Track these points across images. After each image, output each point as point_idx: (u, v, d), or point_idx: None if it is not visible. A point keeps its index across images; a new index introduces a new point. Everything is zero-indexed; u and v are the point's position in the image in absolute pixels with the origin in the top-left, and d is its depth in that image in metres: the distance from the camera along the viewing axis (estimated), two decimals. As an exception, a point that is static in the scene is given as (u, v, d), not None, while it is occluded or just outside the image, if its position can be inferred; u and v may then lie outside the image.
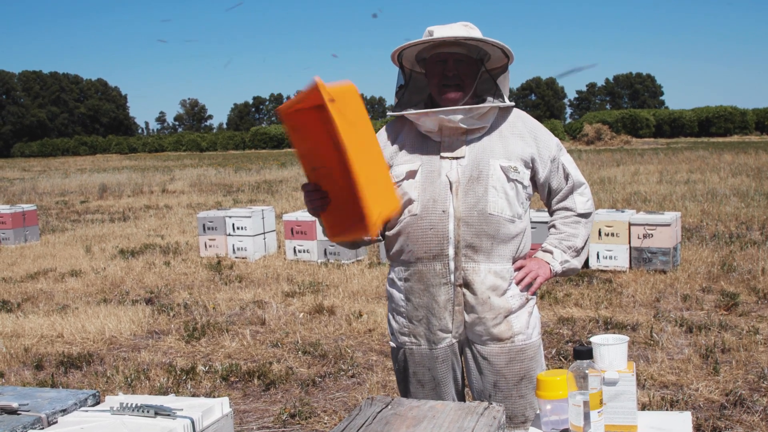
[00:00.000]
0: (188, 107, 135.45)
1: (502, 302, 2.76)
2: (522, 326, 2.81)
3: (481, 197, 2.72)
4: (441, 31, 2.73)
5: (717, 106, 71.51)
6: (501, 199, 2.73)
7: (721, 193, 16.01)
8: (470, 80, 2.78)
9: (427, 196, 2.75)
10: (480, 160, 2.75)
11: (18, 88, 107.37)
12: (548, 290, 7.83)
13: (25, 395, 2.60)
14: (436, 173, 2.75)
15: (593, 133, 54.12)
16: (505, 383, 2.81)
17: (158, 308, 7.74)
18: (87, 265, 10.60)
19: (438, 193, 2.74)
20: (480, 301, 2.75)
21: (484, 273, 2.74)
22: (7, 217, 13.01)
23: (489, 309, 2.75)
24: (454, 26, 2.76)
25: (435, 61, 2.78)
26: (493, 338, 2.78)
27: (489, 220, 2.72)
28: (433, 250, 2.74)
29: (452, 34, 2.70)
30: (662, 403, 4.73)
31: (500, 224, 2.74)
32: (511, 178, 2.75)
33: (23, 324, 7.23)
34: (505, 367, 2.80)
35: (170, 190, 24.10)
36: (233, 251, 10.84)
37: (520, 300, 2.81)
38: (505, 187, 2.74)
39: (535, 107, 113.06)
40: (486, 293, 2.74)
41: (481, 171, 2.73)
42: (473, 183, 2.73)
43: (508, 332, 2.78)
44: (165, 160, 54.05)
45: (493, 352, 2.79)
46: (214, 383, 5.50)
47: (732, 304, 7.02)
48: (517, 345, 2.80)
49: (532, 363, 2.84)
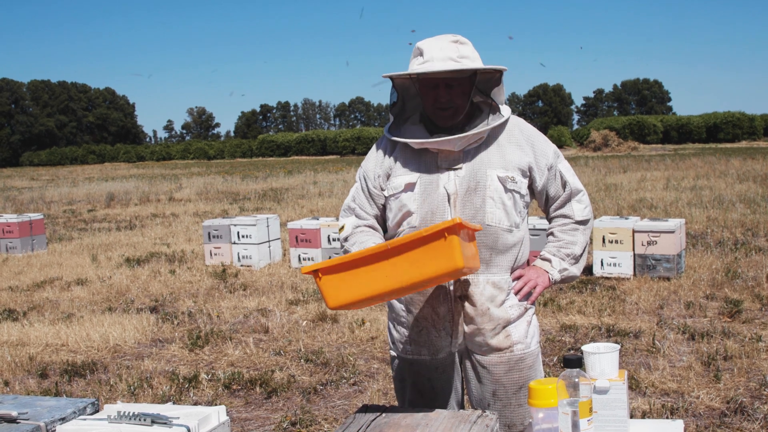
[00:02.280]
0: (196, 115, 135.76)
1: (501, 312, 2.78)
2: (521, 336, 2.82)
3: (479, 208, 2.73)
4: (430, 52, 2.69)
5: (725, 111, 71.31)
6: (499, 210, 2.74)
7: (728, 200, 15.98)
8: (463, 100, 2.76)
9: (425, 208, 2.76)
10: (477, 170, 2.75)
11: (27, 97, 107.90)
12: (551, 297, 7.84)
13: (25, 404, 2.63)
14: (434, 185, 2.76)
15: (600, 140, 54.04)
16: (504, 392, 2.83)
17: (162, 316, 7.78)
18: (93, 273, 10.65)
19: (436, 205, 2.75)
20: (479, 312, 2.76)
21: (483, 284, 2.76)
22: (15, 226, 13.08)
23: (488, 320, 2.77)
24: (443, 44, 2.71)
25: (426, 84, 2.75)
26: (492, 348, 2.80)
27: (487, 231, 2.73)
28: None
29: (439, 68, 2.66)
30: (662, 410, 4.73)
31: (498, 235, 2.75)
32: (509, 189, 2.76)
33: (29, 332, 7.28)
34: (504, 376, 2.81)
35: (177, 199, 24.18)
36: (238, 259, 10.87)
37: (519, 310, 2.82)
38: (503, 197, 2.75)
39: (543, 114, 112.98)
40: (485, 304, 2.76)
41: (479, 182, 2.74)
42: (471, 194, 2.74)
43: (507, 342, 2.80)
44: (172, 168, 54.23)
45: (492, 361, 2.81)
46: (216, 391, 5.52)
47: (735, 312, 7.01)
48: (516, 354, 2.82)
49: (530, 372, 2.86)
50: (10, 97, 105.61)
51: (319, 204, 19.48)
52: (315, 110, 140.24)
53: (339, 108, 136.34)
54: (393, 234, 2.84)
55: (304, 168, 42.81)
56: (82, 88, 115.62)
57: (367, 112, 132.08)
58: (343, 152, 73.11)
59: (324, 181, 28.73)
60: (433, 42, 2.73)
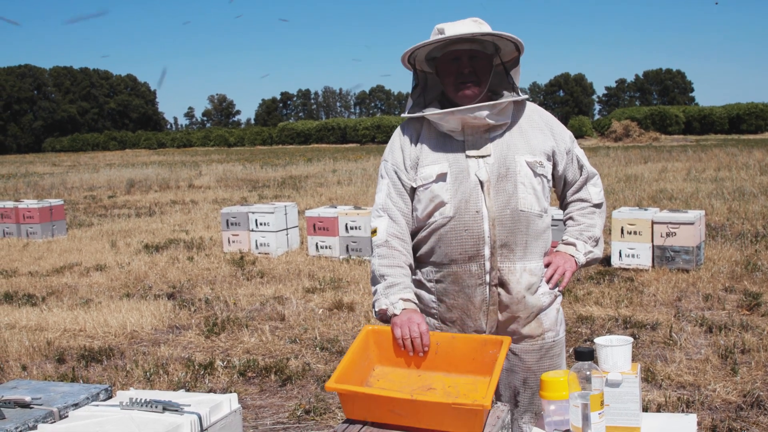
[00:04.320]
0: (216, 103, 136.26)
1: (535, 300, 2.76)
2: (552, 323, 2.82)
3: (512, 195, 2.71)
4: (453, 29, 2.69)
5: (748, 102, 70.52)
6: (530, 195, 2.72)
7: (749, 192, 15.82)
8: (486, 75, 2.75)
9: (459, 197, 2.71)
10: (506, 156, 2.72)
11: (49, 83, 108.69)
12: (568, 288, 7.80)
13: (39, 389, 2.65)
14: (465, 173, 2.72)
15: (621, 130, 53.68)
16: (534, 380, 2.81)
17: (180, 303, 7.82)
18: (112, 259, 10.73)
19: (470, 193, 2.71)
20: (515, 300, 2.74)
21: (519, 272, 2.73)
22: (35, 212, 13.20)
23: (524, 308, 2.75)
24: (464, 22, 2.71)
25: (448, 59, 2.74)
26: (523, 336, 2.78)
27: (521, 217, 2.71)
28: (468, 252, 2.71)
29: (465, 30, 2.66)
30: (678, 403, 4.70)
31: (531, 220, 2.73)
32: (538, 173, 2.74)
33: (47, 318, 7.34)
34: (535, 363, 2.80)
35: (197, 186, 24.27)
36: (256, 247, 10.90)
37: (550, 297, 2.81)
38: (533, 182, 2.73)
39: (564, 103, 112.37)
40: (521, 292, 2.73)
41: (509, 168, 2.71)
42: (502, 181, 2.71)
43: (539, 329, 2.79)
44: (193, 156, 54.46)
45: (525, 349, 2.79)
46: (231, 378, 5.55)
47: (754, 304, 6.95)
48: (547, 342, 2.81)
49: (559, 360, 2.85)
50: (33, 84, 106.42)
51: (338, 192, 19.49)
52: (335, 98, 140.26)
53: (360, 96, 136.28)
54: (422, 225, 2.79)
55: (323, 156, 42.85)
56: (104, 75, 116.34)
57: (388, 101, 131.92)
58: (363, 141, 73.08)
59: (343, 170, 28.74)
60: (452, 22, 2.73)
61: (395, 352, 2.61)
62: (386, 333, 2.63)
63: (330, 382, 2.33)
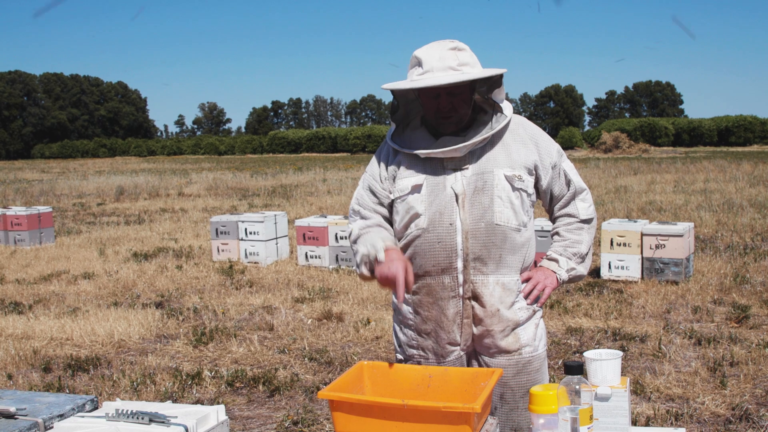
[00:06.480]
0: (207, 111, 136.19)
1: (510, 314, 2.75)
2: (529, 338, 2.80)
3: (488, 208, 2.70)
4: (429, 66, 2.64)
5: (737, 115, 71.09)
6: (507, 209, 2.71)
7: (738, 204, 15.89)
8: (465, 106, 2.73)
9: (433, 209, 2.72)
10: (484, 170, 2.72)
11: (39, 89, 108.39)
12: (558, 300, 7.80)
13: (24, 399, 2.61)
14: (441, 186, 2.73)
15: (611, 141, 53.87)
16: (511, 395, 2.80)
17: (168, 312, 7.78)
18: (100, 267, 10.67)
19: (444, 205, 2.71)
20: (489, 314, 2.73)
21: (492, 285, 2.73)
22: (23, 219, 13.12)
23: (498, 321, 2.74)
24: (441, 52, 2.65)
25: (428, 95, 2.71)
26: (500, 350, 2.77)
27: (496, 230, 2.70)
28: (441, 264, 2.72)
29: (444, 81, 2.60)
30: (667, 416, 4.70)
31: (507, 234, 2.72)
32: (516, 187, 2.73)
33: (34, 326, 7.29)
34: (512, 379, 2.79)
35: (186, 194, 24.21)
36: (245, 256, 10.87)
37: (528, 312, 2.80)
38: (510, 196, 2.72)
39: (554, 115, 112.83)
40: (495, 306, 2.73)
41: (486, 181, 2.71)
42: (479, 194, 2.71)
43: (516, 344, 2.77)
44: (183, 163, 54.35)
45: (501, 364, 2.78)
46: (219, 389, 5.51)
47: (743, 317, 6.96)
48: (524, 357, 2.79)
49: (537, 375, 2.83)
50: (23, 90, 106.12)
51: (328, 201, 19.47)
52: (326, 107, 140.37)
53: (350, 105, 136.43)
54: (400, 236, 2.81)
55: (314, 165, 42.84)
56: (94, 81, 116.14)
57: (379, 110, 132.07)
58: (354, 150, 73.17)
59: (333, 179, 28.73)
60: (430, 51, 2.67)
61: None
62: (381, 368, 2.59)
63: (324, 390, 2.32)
